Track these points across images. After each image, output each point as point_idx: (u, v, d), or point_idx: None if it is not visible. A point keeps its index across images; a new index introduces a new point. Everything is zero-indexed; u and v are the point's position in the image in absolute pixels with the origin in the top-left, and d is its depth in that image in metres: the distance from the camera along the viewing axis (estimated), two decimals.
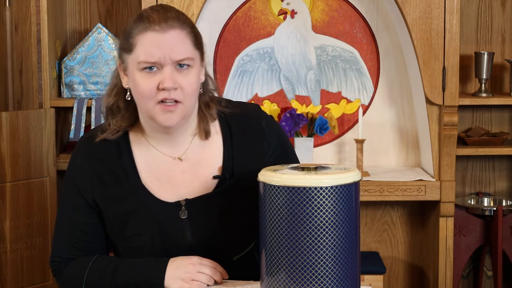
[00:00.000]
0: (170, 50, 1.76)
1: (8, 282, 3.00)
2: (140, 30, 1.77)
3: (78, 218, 1.87)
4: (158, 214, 1.84)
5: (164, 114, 1.78)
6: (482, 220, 3.38)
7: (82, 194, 1.86)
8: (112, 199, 1.86)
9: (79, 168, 1.88)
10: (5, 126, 2.98)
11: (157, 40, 1.76)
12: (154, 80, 1.76)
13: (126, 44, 1.80)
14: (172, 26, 1.77)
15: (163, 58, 1.76)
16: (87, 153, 1.88)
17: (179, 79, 1.77)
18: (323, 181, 1.64)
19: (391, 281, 3.56)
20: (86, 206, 1.86)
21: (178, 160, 1.88)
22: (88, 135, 1.93)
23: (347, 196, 1.66)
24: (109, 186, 1.86)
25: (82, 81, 3.30)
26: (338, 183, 1.64)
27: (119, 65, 1.86)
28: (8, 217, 2.99)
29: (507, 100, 3.34)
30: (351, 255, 1.68)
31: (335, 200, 1.64)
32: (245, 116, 1.94)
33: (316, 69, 3.44)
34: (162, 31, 1.76)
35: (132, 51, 1.78)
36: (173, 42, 1.77)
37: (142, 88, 1.77)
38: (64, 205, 1.90)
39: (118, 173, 1.86)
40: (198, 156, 1.89)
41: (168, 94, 1.76)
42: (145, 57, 1.76)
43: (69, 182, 1.90)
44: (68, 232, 1.87)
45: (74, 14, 3.47)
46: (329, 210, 1.64)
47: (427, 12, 3.11)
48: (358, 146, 3.28)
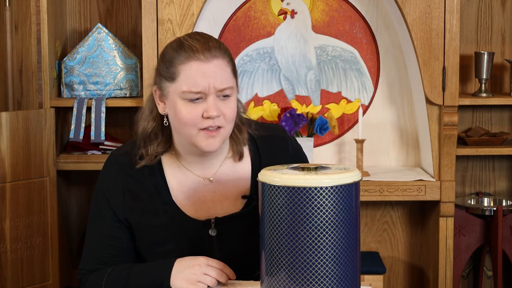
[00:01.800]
0: (214, 79, 1.80)
1: (8, 282, 3.00)
2: (183, 59, 1.80)
3: (108, 233, 1.91)
4: (188, 231, 1.88)
5: (206, 140, 1.82)
6: (482, 220, 3.38)
7: (112, 208, 1.90)
8: (144, 214, 1.89)
9: (110, 183, 1.91)
10: (5, 126, 2.98)
11: (202, 70, 1.79)
12: (198, 108, 1.80)
13: (167, 72, 1.82)
14: (215, 55, 1.80)
15: (207, 87, 1.79)
16: (119, 169, 1.91)
17: (222, 107, 1.82)
18: (323, 181, 1.64)
19: (391, 281, 3.57)
20: (116, 221, 1.90)
21: (208, 180, 1.93)
22: (120, 152, 1.95)
23: (347, 196, 1.66)
24: (141, 201, 1.89)
25: (82, 81, 3.30)
26: (338, 183, 1.65)
27: (155, 91, 1.88)
28: (8, 217, 2.99)
29: (507, 100, 3.34)
30: (351, 255, 1.68)
31: (335, 200, 1.64)
32: (273, 138, 2.00)
33: (316, 69, 3.44)
34: (206, 60, 1.79)
35: (175, 80, 1.81)
36: (216, 71, 1.80)
37: (186, 117, 1.81)
38: (95, 219, 1.93)
39: (150, 190, 1.90)
40: (227, 177, 1.94)
41: (212, 122, 1.81)
42: (189, 87, 1.79)
43: (99, 196, 1.93)
44: (97, 246, 1.91)
45: (74, 14, 3.47)
46: (329, 210, 1.64)
47: (427, 12, 3.11)
48: (358, 146, 3.28)
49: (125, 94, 3.32)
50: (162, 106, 1.87)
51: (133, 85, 3.32)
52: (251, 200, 1.92)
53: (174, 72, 1.80)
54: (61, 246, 3.24)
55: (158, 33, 3.10)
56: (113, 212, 1.90)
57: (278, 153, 1.98)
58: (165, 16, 3.10)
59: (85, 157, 3.26)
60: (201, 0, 3.10)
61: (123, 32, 3.48)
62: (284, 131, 2.06)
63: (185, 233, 1.88)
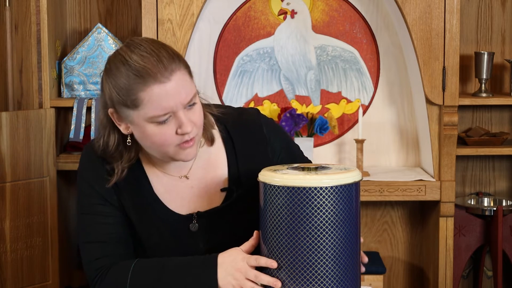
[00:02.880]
0: (178, 96, 1.70)
1: (8, 282, 3.00)
2: (141, 85, 1.68)
3: (101, 213, 1.83)
4: (171, 225, 1.84)
5: (183, 152, 1.76)
6: (482, 220, 3.38)
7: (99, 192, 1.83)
8: (128, 206, 1.85)
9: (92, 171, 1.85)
10: (5, 126, 2.98)
11: (164, 91, 1.68)
12: (170, 127, 1.72)
13: (126, 100, 1.70)
14: (173, 70, 1.69)
15: (174, 106, 1.69)
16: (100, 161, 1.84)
17: (192, 117, 1.73)
18: (323, 181, 1.64)
19: (391, 281, 3.56)
20: (104, 200, 1.83)
21: (184, 178, 1.88)
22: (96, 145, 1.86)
23: (347, 196, 1.66)
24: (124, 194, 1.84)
25: (82, 81, 3.30)
26: (339, 183, 1.64)
27: (112, 114, 1.76)
28: (8, 217, 2.99)
29: (507, 100, 3.34)
30: (352, 255, 1.68)
31: (335, 200, 1.64)
32: (245, 122, 1.91)
33: (316, 69, 3.44)
34: (166, 80, 1.68)
35: (138, 107, 1.69)
36: (178, 87, 1.70)
37: (160, 139, 1.72)
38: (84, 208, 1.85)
39: (131, 183, 1.84)
40: (203, 171, 1.88)
41: (188, 136, 1.73)
42: (156, 111, 1.69)
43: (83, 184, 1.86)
44: (95, 231, 1.83)
45: (74, 14, 3.47)
46: (329, 210, 1.64)
47: (427, 12, 3.11)
48: (358, 146, 3.28)
49: None
50: (124, 126, 1.76)
51: None
52: (230, 192, 1.86)
53: (135, 99, 1.68)
54: (61, 246, 3.24)
55: (158, 33, 3.10)
56: (101, 196, 1.83)
57: (252, 139, 1.90)
58: (165, 16, 3.10)
59: None
60: (201, 0, 3.10)
61: (123, 32, 3.47)
62: (258, 112, 1.95)
63: (168, 226, 1.84)
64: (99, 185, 1.83)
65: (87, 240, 1.84)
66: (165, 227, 1.84)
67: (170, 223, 1.84)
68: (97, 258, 1.83)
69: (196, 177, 1.88)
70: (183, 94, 1.70)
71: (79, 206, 1.87)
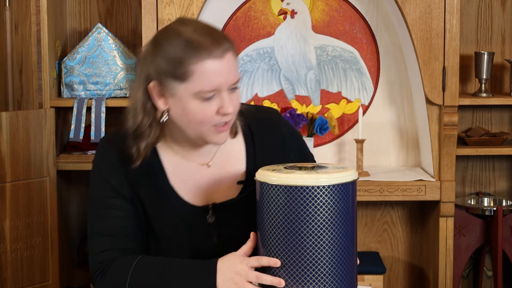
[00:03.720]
0: (227, 76, 1.72)
1: (8, 282, 3.00)
2: (195, 58, 1.69)
3: (113, 206, 1.82)
4: (186, 217, 1.84)
5: (218, 134, 1.77)
6: (482, 220, 3.38)
7: (114, 187, 1.82)
8: (142, 197, 1.84)
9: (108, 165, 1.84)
10: (5, 126, 2.98)
11: (218, 68, 1.70)
12: (212, 105, 1.73)
13: (176, 72, 1.71)
14: (226, 49, 1.72)
15: (222, 84, 1.72)
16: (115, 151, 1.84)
17: (233, 101, 1.76)
18: (320, 180, 1.64)
19: (391, 281, 3.57)
20: (118, 194, 1.83)
21: (205, 166, 1.88)
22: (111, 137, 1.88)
23: (344, 194, 1.66)
24: (139, 184, 1.83)
25: (82, 81, 3.30)
26: (336, 182, 1.65)
27: (153, 87, 1.75)
28: (8, 217, 2.99)
29: (507, 100, 3.34)
30: (349, 254, 1.69)
31: (332, 199, 1.65)
32: (266, 119, 1.94)
33: (316, 69, 3.44)
34: (219, 57, 1.70)
35: (186, 80, 1.71)
36: (229, 67, 1.73)
37: (201, 116, 1.73)
38: (96, 200, 1.85)
39: (147, 174, 1.84)
40: (223, 162, 1.89)
41: (227, 117, 1.75)
42: (205, 86, 1.71)
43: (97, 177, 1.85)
44: (105, 222, 1.82)
45: (74, 14, 3.47)
46: (327, 209, 1.64)
47: (427, 12, 3.11)
48: (358, 146, 3.28)
49: (125, 94, 3.32)
50: (163, 101, 1.76)
51: None
52: (247, 185, 1.87)
53: (185, 72, 1.70)
54: (61, 246, 3.24)
55: None
56: (114, 189, 1.83)
57: (271, 137, 1.92)
58: (165, 16, 3.10)
59: (85, 157, 3.26)
60: (201, 0, 3.10)
61: (123, 32, 3.48)
62: (278, 113, 2.00)
63: (182, 218, 1.84)
64: (113, 178, 1.83)
65: (95, 232, 1.84)
66: (179, 218, 1.84)
67: (185, 214, 1.84)
68: (103, 251, 1.82)
69: (216, 166, 1.88)
70: (232, 74, 1.73)
71: (90, 198, 1.86)
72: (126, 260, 1.80)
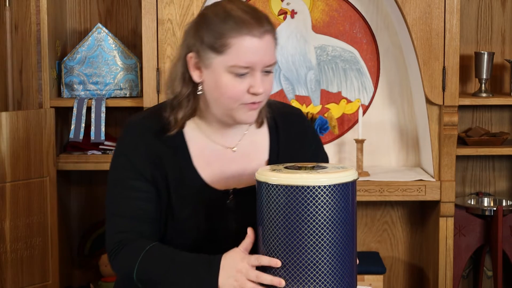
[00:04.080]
0: (264, 56, 1.77)
1: (8, 282, 3.00)
2: (235, 32, 1.75)
3: (135, 187, 1.84)
4: (206, 200, 1.86)
5: (246, 113, 1.81)
6: (482, 220, 3.38)
7: (136, 166, 1.84)
8: (165, 178, 1.85)
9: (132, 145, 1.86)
10: (5, 126, 2.98)
11: (255, 46, 1.75)
12: (244, 83, 1.77)
13: (214, 43, 1.76)
14: (267, 30, 1.77)
15: (257, 64, 1.76)
16: (141, 132, 1.87)
17: (265, 83, 1.79)
18: (320, 180, 1.64)
19: (391, 281, 3.57)
20: (141, 176, 1.84)
21: (230, 150, 1.91)
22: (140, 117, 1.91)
23: (344, 194, 1.66)
24: (163, 164, 1.85)
25: (82, 81, 3.30)
26: (336, 182, 1.65)
27: (190, 58, 1.81)
28: (8, 217, 2.99)
29: (507, 100, 3.34)
30: (349, 253, 1.69)
31: (332, 198, 1.65)
32: (291, 114, 2.00)
33: (316, 69, 3.44)
34: (259, 36, 1.76)
35: (223, 53, 1.76)
36: (267, 48, 1.78)
37: (231, 91, 1.77)
38: (116, 180, 1.86)
39: (172, 155, 1.86)
40: (247, 149, 1.92)
41: (256, 98, 1.78)
42: (240, 61, 1.75)
43: (120, 159, 1.87)
44: (124, 205, 1.84)
45: (74, 14, 3.47)
46: (327, 209, 1.65)
47: (427, 12, 3.11)
48: (358, 146, 3.28)
49: (125, 94, 3.32)
50: (198, 73, 1.81)
51: (133, 85, 3.32)
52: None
53: (223, 44, 1.75)
54: (61, 246, 3.24)
55: (158, 33, 3.10)
56: (138, 171, 1.84)
57: (295, 131, 1.97)
58: (165, 16, 3.10)
59: (85, 157, 3.26)
60: (201, 0, 3.10)
61: (123, 32, 3.48)
62: (303, 114, 2.06)
63: (203, 201, 1.85)
64: (137, 159, 1.85)
65: (114, 213, 1.86)
66: (200, 201, 1.85)
67: (206, 197, 1.85)
68: (119, 232, 1.84)
69: (241, 152, 1.91)
70: (267, 56, 1.77)
71: (111, 179, 1.88)
72: (137, 246, 1.81)
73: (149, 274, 1.79)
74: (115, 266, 1.85)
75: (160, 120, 1.87)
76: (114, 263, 1.85)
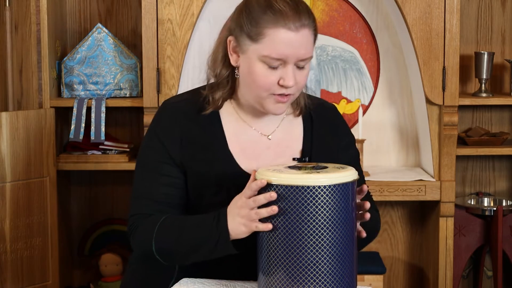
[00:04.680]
0: (298, 50, 1.77)
1: (8, 282, 3.00)
2: (271, 23, 1.76)
3: (163, 172, 1.86)
4: (238, 184, 1.84)
5: (275, 104, 1.83)
6: (482, 220, 3.38)
7: (168, 151, 1.86)
8: (198, 160, 1.87)
9: (166, 126, 1.88)
10: (5, 126, 2.98)
11: (289, 39, 1.76)
12: (275, 75, 1.79)
13: (251, 30, 1.79)
14: (304, 24, 1.77)
15: (289, 56, 1.77)
16: (176, 114, 1.89)
17: (297, 76, 1.81)
18: (320, 180, 1.65)
19: (391, 281, 3.56)
20: (171, 162, 1.86)
21: (265, 137, 1.93)
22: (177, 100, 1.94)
23: (344, 194, 1.67)
24: (197, 147, 1.87)
25: (82, 81, 3.30)
26: (336, 182, 1.66)
27: (229, 41, 1.85)
28: (8, 217, 2.99)
29: (507, 100, 3.34)
30: (349, 253, 1.69)
31: (332, 198, 1.65)
32: (326, 108, 2.04)
33: (316, 69, 3.44)
34: (295, 30, 1.76)
35: (258, 41, 1.78)
36: (302, 42, 1.78)
37: (262, 80, 1.79)
38: (147, 161, 1.89)
39: (206, 137, 1.88)
40: (282, 137, 1.94)
41: (286, 90, 1.80)
42: (272, 53, 1.77)
43: (153, 139, 1.89)
44: (152, 186, 1.86)
45: (74, 14, 3.47)
46: (327, 209, 1.65)
47: (427, 12, 3.11)
48: (358, 146, 3.28)
49: (125, 94, 3.32)
50: (235, 57, 1.85)
51: (133, 85, 3.32)
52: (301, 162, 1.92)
53: (259, 33, 1.77)
54: (61, 246, 3.24)
55: (158, 33, 3.10)
56: (169, 155, 1.86)
57: (329, 124, 2.00)
58: (165, 16, 3.10)
59: (85, 157, 3.26)
60: (201, 0, 3.10)
61: (123, 32, 3.48)
62: (337, 108, 2.09)
63: (235, 184, 1.84)
64: (169, 143, 1.87)
65: (139, 195, 1.88)
66: (232, 183, 1.85)
67: (238, 180, 1.84)
68: (141, 213, 1.87)
69: (276, 140, 1.93)
70: (302, 50, 1.78)
71: (141, 161, 1.90)
72: (152, 219, 1.83)
73: (166, 242, 1.80)
74: (134, 244, 1.87)
75: (197, 101, 1.90)
76: (133, 242, 1.87)
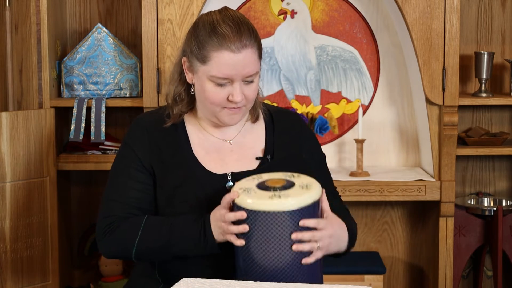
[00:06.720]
0: (241, 69, 1.93)
1: (8, 282, 3.00)
2: (215, 46, 1.92)
3: (135, 178, 2.01)
4: (206, 184, 2.00)
5: (229, 115, 2.00)
6: (482, 220, 3.38)
7: (139, 157, 2.01)
8: (167, 166, 2.00)
9: (136, 137, 2.04)
10: (5, 126, 2.98)
11: (232, 60, 1.92)
12: (224, 91, 1.95)
13: (198, 53, 1.95)
14: (245, 45, 1.92)
15: (234, 76, 1.93)
16: (145, 126, 2.05)
17: (246, 91, 1.97)
18: (284, 205, 1.78)
19: (391, 281, 3.57)
20: (142, 168, 2.01)
21: (227, 142, 2.08)
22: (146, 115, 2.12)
23: (307, 215, 1.81)
24: (165, 154, 2.01)
25: (82, 81, 3.30)
26: (299, 206, 1.79)
27: (184, 62, 2.02)
28: (8, 217, 2.99)
29: (507, 100, 3.34)
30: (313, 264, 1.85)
31: (295, 221, 1.80)
32: (287, 113, 2.20)
33: (316, 69, 3.44)
34: (237, 51, 1.91)
35: (206, 63, 1.94)
36: (245, 62, 1.93)
37: (212, 97, 1.96)
38: (120, 168, 2.03)
39: (173, 144, 2.04)
40: (243, 141, 2.09)
41: (235, 104, 1.97)
42: (218, 73, 1.93)
43: (125, 149, 2.04)
44: (124, 191, 2.00)
45: (74, 14, 3.47)
46: (290, 230, 1.79)
47: (427, 12, 3.11)
48: (358, 146, 3.28)
49: (125, 94, 3.32)
50: (190, 76, 2.01)
51: (133, 85, 3.32)
52: (264, 161, 2.06)
53: (206, 56, 1.93)
54: (61, 246, 3.24)
55: (158, 33, 3.10)
56: (140, 161, 2.01)
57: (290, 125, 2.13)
58: (165, 16, 3.10)
59: (85, 157, 3.26)
60: (201, 0, 3.10)
61: (123, 32, 3.48)
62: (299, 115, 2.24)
63: (203, 184, 1.99)
64: (140, 151, 2.02)
65: (110, 198, 2.02)
66: (200, 185, 1.99)
67: (206, 181, 2.00)
68: (112, 215, 1.99)
69: (237, 143, 2.08)
70: (246, 69, 1.94)
71: (113, 168, 2.06)
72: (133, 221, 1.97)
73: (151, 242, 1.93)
74: (108, 244, 1.99)
75: (162, 115, 2.07)
76: (106, 242, 1.99)
